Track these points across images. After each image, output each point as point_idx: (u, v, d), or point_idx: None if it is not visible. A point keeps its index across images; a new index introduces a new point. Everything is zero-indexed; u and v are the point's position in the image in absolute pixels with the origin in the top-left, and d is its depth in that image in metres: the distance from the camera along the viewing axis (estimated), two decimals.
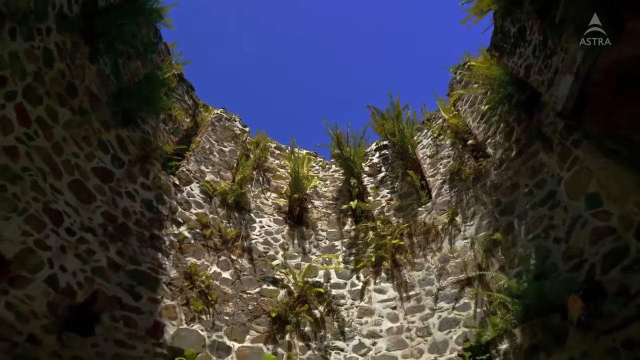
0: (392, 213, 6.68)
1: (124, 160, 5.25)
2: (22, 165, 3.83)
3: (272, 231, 6.52)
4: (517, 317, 4.26)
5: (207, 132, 7.23)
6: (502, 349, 4.29)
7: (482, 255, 5.11)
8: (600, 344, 3.54)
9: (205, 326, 4.93)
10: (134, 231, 5.02)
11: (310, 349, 5.13)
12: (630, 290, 3.49)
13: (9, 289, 3.52)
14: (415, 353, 4.88)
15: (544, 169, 4.78)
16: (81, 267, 4.24)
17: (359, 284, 5.88)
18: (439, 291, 5.29)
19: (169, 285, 5.01)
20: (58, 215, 4.15)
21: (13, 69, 3.67)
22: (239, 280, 5.64)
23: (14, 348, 3.43)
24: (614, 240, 3.75)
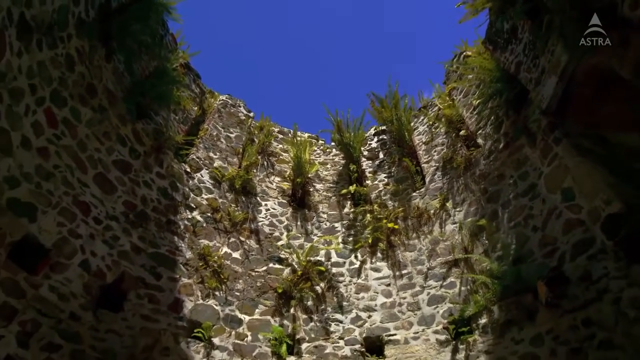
0: (388, 197, 7.12)
1: (140, 152, 5.63)
2: (53, 164, 4.23)
3: (277, 214, 6.99)
4: (496, 295, 4.79)
5: (214, 119, 7.55)
6: (481, 323, 4.84)
7: (469, 239, 5.59)
8: (564, 321, 4.07)
9: (219, 301, 5.48)
10: (152, 217, 5.48)
11: (312, 321, 5.72)
12: (592, 276, 3.97)
13: (50, 274, 4.02)
14: (405, 325, 5.45)
15: (527, 162, 5.16)
16: (108, 251, 4.73)
17: (357, 263, 6.41)
18: (429, 270, 5.82)
19: (185, 266, 5.52)
20: (86, 206, 4.59)
21: (41, 76, 3.99)
22: (247, 260, 6.16)
23: (59, 324, 3.95)
24: (582, 232, 4.20)
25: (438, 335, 5.11)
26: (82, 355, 4.03)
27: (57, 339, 3.90)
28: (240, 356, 5.07)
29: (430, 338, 5.15)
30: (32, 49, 3.78)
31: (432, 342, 5.09)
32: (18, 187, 3.76)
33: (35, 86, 3.92)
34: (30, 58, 3.78)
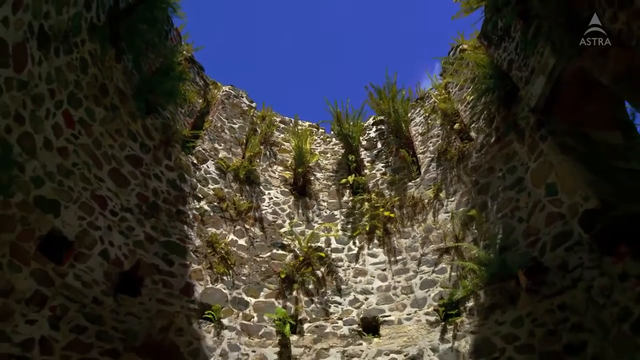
0: (385, 186, 7.43)
1: (150, 146, 5.91)
2: (72, 162, 4.53)
3: (279, 202, 7.33)
4: (483, 281, 5.17)
5: (218, 110, 7.78)
6: (468, 306, 5.24)
7: (460, 228, 5.93)
8: (542, 305, 4.46)
9: (227, 285, 5.88)
10: (163, 208, 5.81)
11: (313, 303, 6.13)
12: (569, 266, 4.33)
13: (75, 264, 4.38)
14: (399, 307, 5.87)
15: (515, 157, 5.45)
16: (124, 241, 5.08)
17: (355, 249, 6.78)
18: (422, 257, 6.19)
19: (195, 253, 5.89)
20: (103, 200, 4.91)
21: (58, 81, 4.24)
22: (252, 246, 6.53)
23: (84, 308, 4.35)
24: (562, 225, 4.54)
25: (429, 316, 5.53)
26: (106, 336, 4.44)
27: (83, 322, 4.30)
28: (248, 335, 5.51)
29: (421, 319, 5.57)
30: (50, 57, 4.01)
31: (423, 322, 5.52)
32: (43, 185, 4.08)
33: (54, 91, 4.18)
34: (49, 65, 4.03)
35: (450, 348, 5.09)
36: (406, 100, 8.15)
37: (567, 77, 4.69)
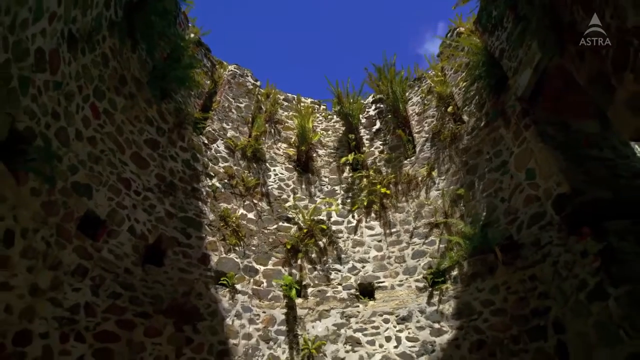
0: (382, 163, 7.89)
1: (165, 129, 6.32)
2: (100, 149, 4.98)
3: (284, 178, 7.83)
4: (467, 253, 5.76)
5: (225, 90, 8.08)
6: (453, 275, 5.88)
7: (449, 204, 6.46)
8: (516, 276, 5.08)
9: (239, 255, 6.50)
10: (180, 186, 6.31)
11: (316, 270, 6.79)
12: (540, 242, 4.89)
13: (108, 240, 4.95)
14: (392, 274, 6.53)
15: (502, 142, 5.87)
16: (148, 218, 5.63)
17: (354, 222, 7.36)
18: (414, 230, 6.77)
19: (209, 226, 6.46)
20: (127, 181, 5.41)
21: (85, 77, 4.61)
22: (260, 220, 7.10)
23: (118, 277, 4.96)
24: (538, 206, 5.05)
25: (418, 283, 6.19)
26: (137, 300, 5.09)
27: (118, 289, 4.93)
28: (258, 299, 6.20)
29: (412, 285, 6.24)
30: (78, 57, 4.36)
31: (413, 288, 6.19)
32: (77, 172, 4.56)
33: (81, 86, 4.56)
34: (77, 64, 4.38)
35: (436, 310, 5.78)
36: (404, 79, 8.42)
37: (551, 71, 5.02)
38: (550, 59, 4.72)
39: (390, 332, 5.92)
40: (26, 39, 3.33)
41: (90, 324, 4.52)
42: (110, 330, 4.70)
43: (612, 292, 3.89)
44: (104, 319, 4.68)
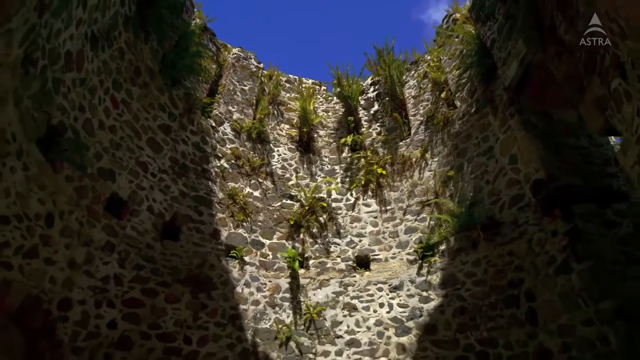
0: (379, 145, 8.28)
1: (176, 115, 6.69)
2: (120, 136, 5.39)
3: (287, 158, 8.25)
4: (454, 230, 6.28)
5: (230, 74, 8.35)
6: (441, 249, 6.43)
7: (439, 185, 6.92)
8: (496, 251, 5.62)
9: (246, 230, 7.04)
10: (191, 168, 6.76)
11: (317, 243, 7.35)
12: (518, 221, 5.39)
13: (130, 218, 5.46)
14: (386, 248, 7.09)
15: (489, 128, 6.25)
16: (164, 197, 6.12)
17: (352, 199, 7.85)
18: (407, 207, 7.27)
19: (219, 204, 6.96)
20: (144, 165, 5.85)
21: (105, 72, 4.96)
22: (265, 197, 7.60)
23: (140, 251, 5.51)
24: (518, 189, 5.51)
25: (409, 256, 6.76)
26: (158, 271, 5.66)
27: (141, 262, 5.49)
28: (265, 269, 6.79)
29: (403, 258, 6.81)
30: (99, 54, 4.70)
31: (405, 260, 6.76)
32: (102, 159, 5.00)
33: (102, 80, 4.92)
34: (98, 60, 4.73)
35: (424, 280, 6.37)
36: (402, 63, 8.66)
37: (535, 65, 5.33)
38: (534, 55, 5.04)
39: (383, 299, 6.55)
40: (58, 45, 3.68)
41: (119, 292, 5.11)
42: (136, 297, 5.30)
43: (576, 267, 4.43)
44: (130, 287, 5.27)
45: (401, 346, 6.05)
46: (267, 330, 6.19)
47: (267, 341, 6.09)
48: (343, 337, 6.28)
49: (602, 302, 4.10)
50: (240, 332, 6.04)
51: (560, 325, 4.56)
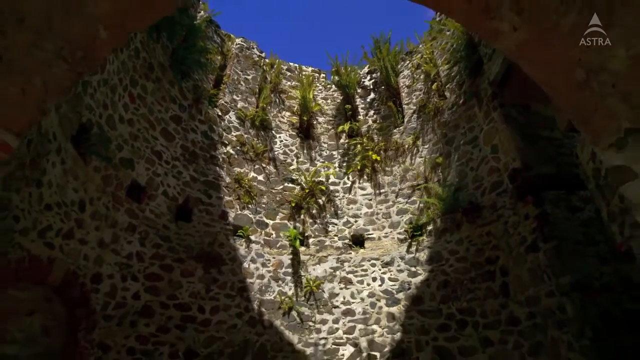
0: (375, 131, 8.73)
1: (186, 106, 7.12)
2: (137, 128, 5.86)
3: (288, 144, 8.72)
4: (440, 212, 6.84)
5: (234, 64, 8.70)
6: (428, 229, 7.01)
7: (429, 170, 7.43)
8: (477, 231, 6.18)
9: (252, 211, 7.60)
10: (200, 155, 7.25)
11: (316, 223, 7.93)
12: (497, 206, 5.94)
13: (149, 202, 6.00)
14: (380, 228, 7.68)
15: (475, 119, 6.70)
16: (177, 183, 6.64)
17: (349, 183, 8.38)
18: (399, 191, 7.81)
19: (226, 187, 7.49)
20: (159, 154, 6.34)
21: (123, 71, 5.38)
22: (269, 181, 8.12)
23: (158, 231, 6.08)
24: (497, 176, 6.03)
25: (400, 235, 7.35)
26: (174, 249, 6.25)
27: (159, 241, 6.07)
28: (269, 247, 7.40)
29: (395, 237, 7.41)
30: (119, 55, 5.11)
31: (396, 239, 7.36)
32: (122, 150, 5.49)
33: (121, 78, 5.35)
34: (118, 61, 5.14)
35: (413, 257, 6.99)
36: (397, 53, 8.99)
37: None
38: None
39: (376, 274, 7.19)
40: None
41: (141, 268, 5.71)
42: (155, 272, 5.91)
43: (542, 246, 5.00)
44: (150, 264, 5.87)
45: (391, 315, 6.73)
46: (271, 301, 6.85)
47: (271, 311, 6.76)
48: (339, 307, 6.96)
49: (563, 277, 4.69)
50: (247, 302, 6.70)
51: (528, 296, 5.19)
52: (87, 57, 1.73)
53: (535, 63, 2.09)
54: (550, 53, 1.88)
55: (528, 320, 5.15)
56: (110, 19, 1.70)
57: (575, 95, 1.84)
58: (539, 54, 1.97)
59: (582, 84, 1.77)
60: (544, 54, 1.93)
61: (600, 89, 1.69)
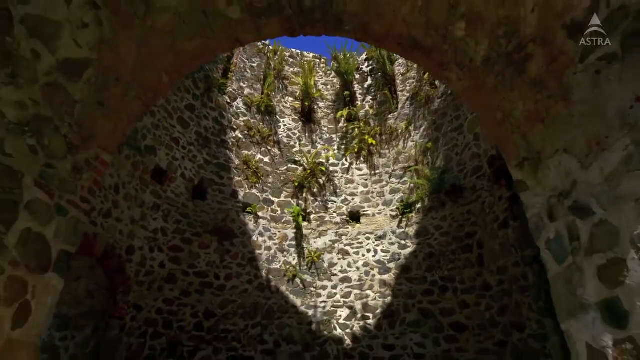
0: (371, 117, 9.30)
1: (198, 94, 7.68)
2: (157, 118, 6.46)
3: (291, 128, 9.31)
4: (428, 192, 7.55)
5: (240, 52, 9.14)
6: (417, 207, 7.74)
7: (419, 154, 8.08)
8: (458, 210, 6.93)
9: (259, 190, 8.31)
10: (212, 139, 7.88)
11: (317, 201, 8.66)
12: (476, 188, 6.64)
13: (169, 184, 6.69)
14: (374, 205, 8.41)
15: (461, 108, 7.29)
16: (192, 166, 7.31)
17: (347, 164, 9.04)
18: (392, 172, 8.49)
19: (236, 169, 8.17)
20: (177, 140, 6.98)
21: None
22: (274, 162, 8.79)
23: (178, 209, 6.81)
24: (478, 162, 6.69)
25: (392, 212, 8.10)
26: (192, 225, 7.00)
27: (179, 217, 6.81)
28: (275, 222, 8.16)
29: (387, 214, 8.16)
30: None
31: (388, 216, 8.11)
32: (147, 138, 6.13)
33: None
34: None
35: (403, 232, 7.76)
36: None
37: None
38: None
39: (370, 246, 7.99)
40: None
41: (165, 241, 6.48)
42: (177, 244, 6.69)
43: (512, 224, 5.75)
44: (172, 237, 6.64)
45: (383, 282, 7.57)
46: (277, 269, 7.68)
47: (277, 278, 7.60)
48: (337, 275, 7.80)
49: (527, 250, 5.45)
50: (256, 270, 7.53)
51: (499, 266, 5.98)
52: (154, 96, 2.35)
53: (474, 103, 2.72)
54: (482, 98, 2.51)
55: (498, 286, 5.97)
56: (171, 69, 2.31)
57: (496, 129, 2.48)
58: (476, 98, 2.59)
59: (500, 122, 2.41)
60: (479, 98, 2.55)
61: (510, 128, 2.33)
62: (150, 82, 2.33)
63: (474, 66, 2.37)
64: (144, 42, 2.19)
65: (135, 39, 2.14)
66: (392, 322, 7.05)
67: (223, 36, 2.46)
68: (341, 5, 2.38)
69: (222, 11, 2.32)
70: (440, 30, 2.29)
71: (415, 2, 2.23)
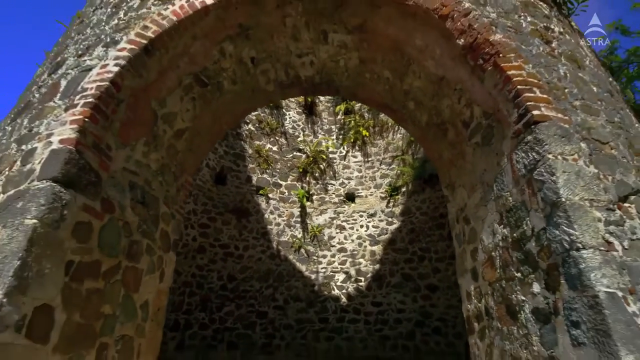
0: (365, 110, 10.60)
1: None
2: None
3: (296, 120, 10.62)
4: (412, 178, 9.04)
5: None
6: (402, 190, 9.22)
7: (406, 145, 9.48)
8: (435, 194, 8.44)
9: (269, 175, 9.77)
10: (229, 133, 9.22)
11: (318, 184, 10.13)
12: None
13: (198, 173, 8.16)
14: (367, 188, 9.89)
15: None
16: (214, 156, 8.71)
17: (344, 152, 10.42)
18: (383, 160, 9.91)
19: (249, 157, 9.58)
20: None
21: None
22: (281, 151, 10.18)
23: (204, 194, 8.31)
24: None
25: (382, 194, 9.61)
26: (215, 206, 8.52)
27: (205, 200, 8.31)
28: (283, 202, 9.67)
29: (378, 195, 9.67)
30: None
31: (378, 197, 9.63)
32: None
33: None
34: None
35: (391, 211, 9.31)
36: None
37: None
38: None
39: (363, 222, 9.56)
40: None
41: (195, 219, 8.02)
42: (205, 222, 8.23)
43: None
44: (201, 216, 8.17)
45: (373, 252, 9.21)
46: (286, 242, 9.29)
47: (286, 248, 9.22)
48: (335, 246, 9.42)
49: None
50: (268, 242, 9.13)
51: None
52: (217, 139, 3.79)
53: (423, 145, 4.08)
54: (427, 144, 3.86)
55: None
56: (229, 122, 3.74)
57: (436, 163, 3.89)
58: (423, 142, 3.95)
59: (437, 159, 3.81)
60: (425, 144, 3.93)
61: (442, 164, 3.77)
62: (216, 132, 3.70)
63: (420, 125, 3.74)
64: (215, 110, 3.56)
65: (211, 111, 3.51)
66: (380, 284, 8.74)
67: (262, 101, 3.83)
68: (338, 82, 3.73)
69: (263, 88, 3.66)
70: (400, 103, 3.66)
71: (384, 86, 3.59)
